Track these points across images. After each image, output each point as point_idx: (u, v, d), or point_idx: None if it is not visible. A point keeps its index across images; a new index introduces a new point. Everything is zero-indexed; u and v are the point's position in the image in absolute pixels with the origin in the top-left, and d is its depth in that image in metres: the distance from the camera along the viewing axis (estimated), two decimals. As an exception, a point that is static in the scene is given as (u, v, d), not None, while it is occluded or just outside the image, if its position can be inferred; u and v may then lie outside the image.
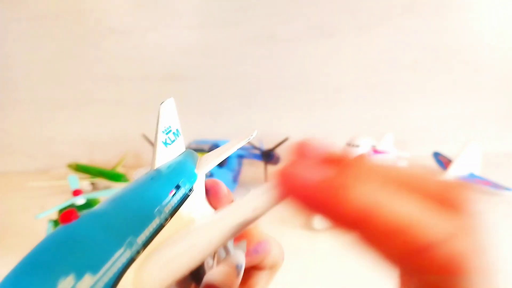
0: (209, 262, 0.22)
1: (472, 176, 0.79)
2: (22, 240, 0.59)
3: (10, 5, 0.88)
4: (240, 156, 0.81)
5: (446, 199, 0.14)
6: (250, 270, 0.24)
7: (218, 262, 0.22)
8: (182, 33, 0.91)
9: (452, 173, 0.78)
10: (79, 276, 0.13)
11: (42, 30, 0.90)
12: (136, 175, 0.43)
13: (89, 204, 0.51)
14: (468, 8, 0.91)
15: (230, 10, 0.90)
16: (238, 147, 0.26)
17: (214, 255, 0.23)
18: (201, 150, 0.70)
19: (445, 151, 0.89)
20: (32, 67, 0.92)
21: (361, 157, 0.16)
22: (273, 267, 0.25)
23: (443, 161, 0.86)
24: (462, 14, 0.91)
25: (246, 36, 0.92)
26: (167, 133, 0.26)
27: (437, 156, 0.89)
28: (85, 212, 0.17)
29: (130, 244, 0.16)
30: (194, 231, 0.18)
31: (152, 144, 0.84)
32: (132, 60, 0.93)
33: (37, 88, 0.94)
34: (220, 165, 0.70)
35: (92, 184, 0.82)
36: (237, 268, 0.20)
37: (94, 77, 0.94)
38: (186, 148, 0.71)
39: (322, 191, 0.15)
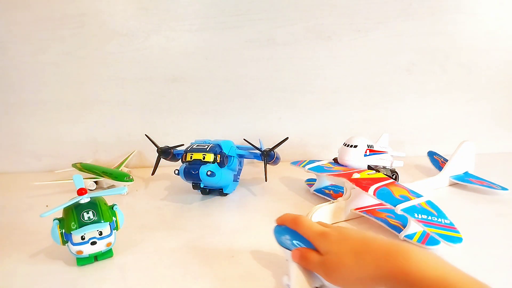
0: None
1: (467, 175, 0.80)
2: (27, 238, 0.60)
3: (15, 8, 0.89)
4: (240, 156, 0.81)
5: None
6: None
7: None
8: (184, 36, 0.93)
9: (448, 172, 0.79)
10: None
11: (47, 33, 0.90)
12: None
13: (93, 203, 0.51)
14: (462, 11, 0.92)
15: (230, 14, 0.91)
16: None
17: None
18: (201, 150, 0.71)
19: (440, 151, 0.91)
20: (37, 69, 0.93)
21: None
22: None
23: (438, 160, 0.87)
24: (456, 17, 0.93)
25: (246, 39, 0.93)
26: None
27: (432, 155, 0.91)
28: None
29: None
30: None
31: (155, 144, 0.88)
32: (135, 62, 0.94)
33: (42, 90, 0.95)
34: (221, 165, 0.71)
35: (96, 183, 0.83)
36: None
37: (98, 79, 0.95)
38: (187, 147, 0.78)
39: None
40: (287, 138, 0.76)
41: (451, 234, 0.50)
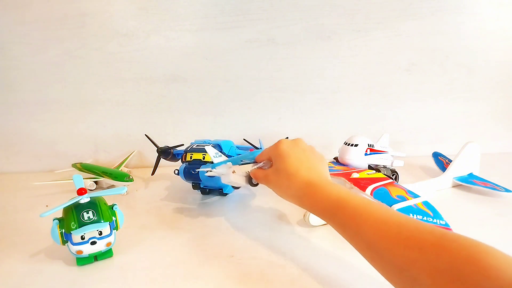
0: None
1: (471, 176, 0.79)
2: (27, 238, 0.60)
3: (15, 8, 0.88)
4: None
5: None
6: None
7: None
8: (184, 36, 0.93)
9: (451, 173, 0.79)
10: None
11: (46, 33, 0.90)
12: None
13: (93, 202, 0.51)
14: (462, 11, 0.92)
15: (230, 14, 0.91)
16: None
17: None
18: (201, 150, 0.71)
19: (441, 151, 0.91)
20: (37, 68, 0.93)
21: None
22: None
23: (442, 162, 0.87)
24: (456, 17, 0.92)
25: (246, 39, 0.93)
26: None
27: (436, 156, 0.90)
28: None
29: None
30: None
31: (155, 144, 0.89)
32: (135, 62, 0.94)
33: (42, 90, 0.95)
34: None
35: (96, 183, 0.83)
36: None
37: (98, 79, 0.95)
38: (187, 147, 0.78)
39: None
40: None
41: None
